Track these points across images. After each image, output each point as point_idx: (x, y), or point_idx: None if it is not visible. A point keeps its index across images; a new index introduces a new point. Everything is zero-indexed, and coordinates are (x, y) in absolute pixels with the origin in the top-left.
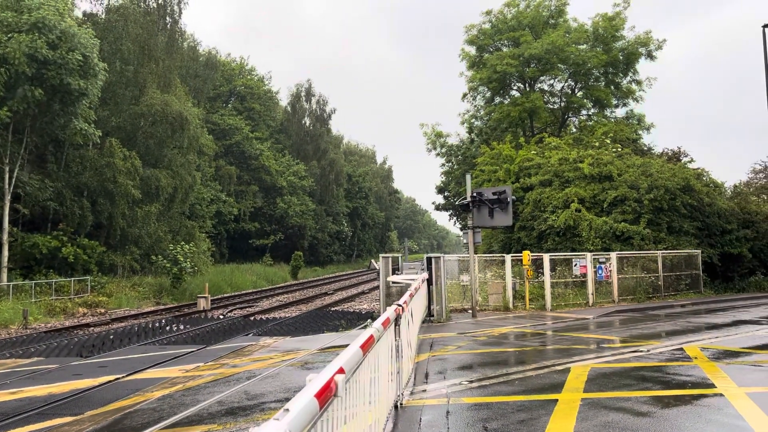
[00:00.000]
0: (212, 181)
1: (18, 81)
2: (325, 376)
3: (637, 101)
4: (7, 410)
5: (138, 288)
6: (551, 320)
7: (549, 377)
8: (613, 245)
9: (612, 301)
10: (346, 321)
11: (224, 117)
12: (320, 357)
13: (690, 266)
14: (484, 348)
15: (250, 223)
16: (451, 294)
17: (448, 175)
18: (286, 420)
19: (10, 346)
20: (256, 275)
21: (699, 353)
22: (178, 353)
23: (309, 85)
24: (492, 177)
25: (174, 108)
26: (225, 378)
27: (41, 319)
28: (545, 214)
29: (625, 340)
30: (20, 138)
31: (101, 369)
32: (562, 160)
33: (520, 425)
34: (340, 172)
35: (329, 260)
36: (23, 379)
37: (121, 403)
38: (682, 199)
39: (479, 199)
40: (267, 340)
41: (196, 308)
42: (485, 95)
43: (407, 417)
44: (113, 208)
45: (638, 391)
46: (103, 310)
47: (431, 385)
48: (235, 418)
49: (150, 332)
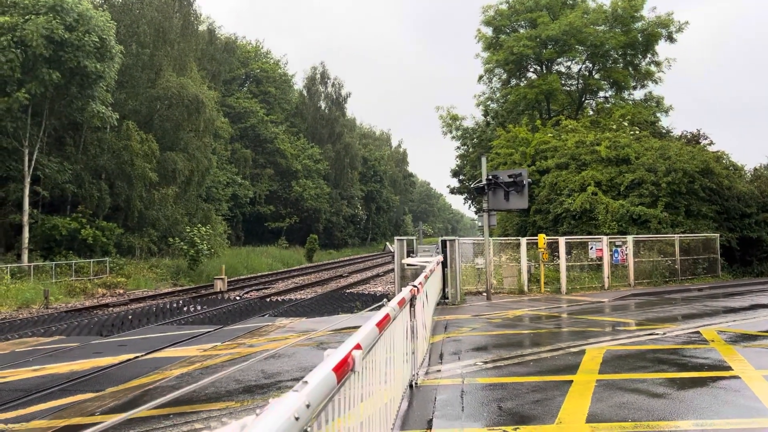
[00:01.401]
0: (228, 164)
1: (36, 63)
2: (342, 351)
3: (656, 83)
4: (31, 386)
5: (155, 269)
6: (566, 303)
7: (564, 359)
8: (629, 229)
9: (628, 284)
10: (361, 303)
11: (239, 100)
12: (336, 337)
13: (707, 250)
14: (499, 330)
15: (266, 206)
16: (466, 277)
17: (463, 159)
18: (304, 391)
19: (32, 325)
20: (271, 258)
21: (716, 336)
22: (196, 333)
23: (324, 68)
24: (508, 160)
25: (190, 91)
26: (242, 357)
27: (62, 299)
28: (561, 198)
29: (641, 323)
30: (39, 121)
31: (121, 348)
32: (579, 143)
33: (534, 405)
34: (355, 155)
35: (344, 243)
36: (45, 357)
37: (140, 380)
38: (700, 183)
39: (495, 182)
40: (283, 321)
41: (212, 289)
42: (501, 77)
43: (422, 396)
44: (131, 190)
45: (654, 373)
46: (121, 290)
47: (446, 366)
48: (252, 396)
49: (168, 312)
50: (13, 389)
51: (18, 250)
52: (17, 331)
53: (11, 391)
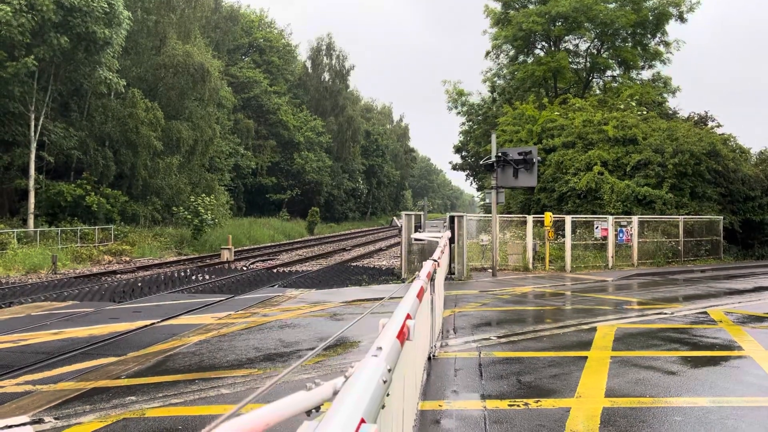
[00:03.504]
0: (231, 135)
1: (44, 28)
2: (398, 320)
3: (664, 63)
4: (52, 350)
5: (160, 238)
6: (571, 281)
7: (576, 335)
8: (634, 209)
9: (631, 264)
10: (368, 276)
11: (243, 70)
12: (348, 309)
13: (711, 232)
14: (508, 306)
15: (268, 178)
16: (471, 253)
17: (467, 135)
18: (383, 357)
19: (42, 289)
20: (273, 229)
21: (723, 317)
22: (208, 302)
23: (329, 39)
24: (514, 137)
25: (195, 59)
26: (258, 326)
27: (69, 265)
28: (567, 176)
29: (648, 302)
30: (45, 86)
31: (136, 314)
32: (586, 122)
33: (553, 379)
34: (358, 129)
35: (344, 217)
36: (62, 321)
37: (160, 346)
38: (707, 165)
39: (504, 159)
40: (293, 292)
41: (218, 259)
42: (509, 54)
43: (440, 368)
44: (135, 158)
45: (666, 351)
46: (127, 258)
47: (460, 339)
48: (273, 363)
49: (177, 281)
50: (35, 351)
51: (23, 215)
52: (29, 296)
53: (34, 353)
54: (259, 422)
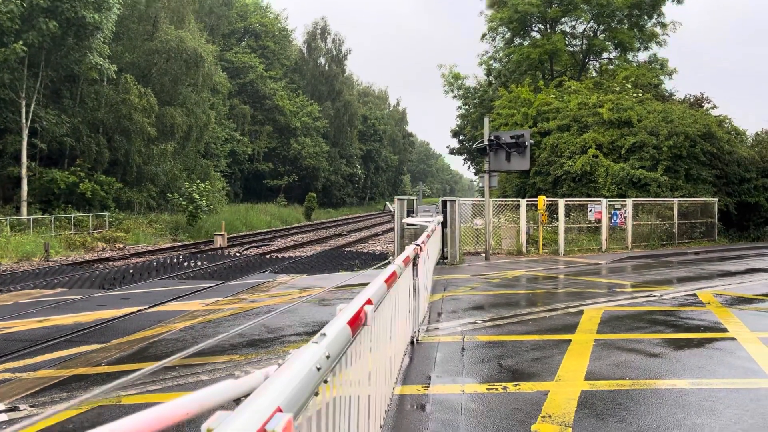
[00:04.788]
0: (226, 120)
1: (33, 13)
2: (355, 305)
3: (661, 45)
4: (36, 337)
5: (155, 225)
6: (564, 265)
7: (562, 319)
8: (629, 192)
9: (625, 247)
10: (361, 261)
11: (238, 55)
12: (337, 294)
13: (705, 214)
14: (497, 290)
15: (264, 164)
16: (464, 237)
17: (464, 119)
18: (323, 343)
19: (33, 277)
20: (270, 215)
21: (712, 299)
22: (198, 288)
23: (324, 23)
24: (509, 121)
25: (188, 44)
26: (244, 312)
27: (62, 252)
28: (562, 160)
29: (638, 285)
30: (35, 72)
31: (124, 301)
32: (582, 104)
33: (534, 363)
34: (355, 113)
35: (342, 202)
36: (49, 309)
37: (145, 333)
38: (702, 147)
39: (497, 143)
40: (284, 278)
41: (212, 246)
42: (505, 36)
43: (423, 353)
44: (129, 145)
45: (651, 334)
46: (121, 245)
47: (445, 323)
48: (256, 350)
49: (169, 267)
50: (18, 339)
51: (16, 203)
52: (19, 283)
53: (17, 341)
54: (178, 411)
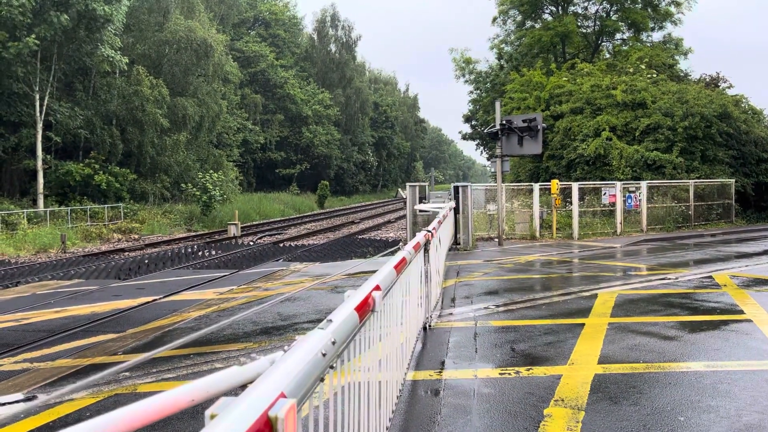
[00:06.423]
0: (238, 110)
1: (44, 7)
2: (363, 291)
3: (675, 24)
4: (54, 327)
5: (169, 215)
6: (578, 249)
7: (576, 302)
8: (643, 174)
9: (640, 230)
10: (374, 248)
11: (249, 44)
12: (350, 281)
13: (722, 196)
14: (510, 275)
15: (276, 153)
16: (478, 223)
17: (476, 104)
18: (330, 329)
19: (51, 268)
20: (283, 204)
21: (728, 281)
22: (212, 277)
23: (334, 10)
24: (521, 105)
25: (198, 35)
26: (258, 300)
27: (78, 243)
28: (575, 143)
29: (653, 267)
30: (48, 66)
31: (139, 291)
32: (595, 86)
33: (547, 347)
34: (366, 100)
35: (355, 190)
36: (66, 299)
37: (160, 322)
38: (718, 127)
39: (508, 127)
40: (297, 266)
41: (226, 235)
42: (516, 19)
43: (435, 338)
44: (142, 136)
45: (665, 317)
46: (136, 236)
47: (458, 309)
48: (269, 337)
49: (183, 257)
50: (36, 330)
51: (33, 196)
52: (37, 275)
53: (35, 331)
54: (183, 398)
